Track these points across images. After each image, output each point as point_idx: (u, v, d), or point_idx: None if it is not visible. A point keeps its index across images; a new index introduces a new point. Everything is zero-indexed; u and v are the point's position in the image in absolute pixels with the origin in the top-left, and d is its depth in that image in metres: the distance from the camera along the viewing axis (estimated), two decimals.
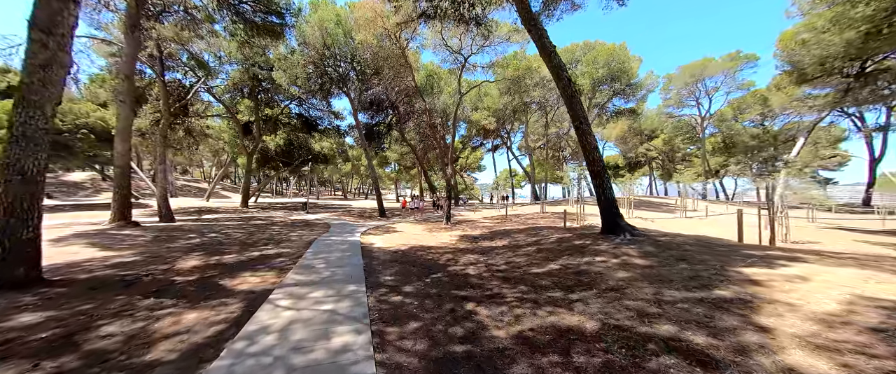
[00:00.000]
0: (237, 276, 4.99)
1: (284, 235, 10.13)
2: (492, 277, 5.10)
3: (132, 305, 3.66)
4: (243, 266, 5.69)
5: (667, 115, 36.55)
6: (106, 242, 7.95)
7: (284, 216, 17.92)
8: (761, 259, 4.67)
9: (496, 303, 3.79)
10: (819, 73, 16.58)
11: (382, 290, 4.37)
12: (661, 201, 28.40)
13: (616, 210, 7.53)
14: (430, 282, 4.83)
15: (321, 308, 3.49)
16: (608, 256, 5.65)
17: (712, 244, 6.08)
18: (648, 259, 5.18)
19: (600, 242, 6.84)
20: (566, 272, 5.00)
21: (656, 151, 43.46)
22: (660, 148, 42.32)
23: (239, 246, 7.85)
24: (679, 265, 4.66)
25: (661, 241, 6.38)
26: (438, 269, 5.79)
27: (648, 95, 28.71)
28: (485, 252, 7.54)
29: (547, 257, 6.32)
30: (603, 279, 4.37)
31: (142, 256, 6.54)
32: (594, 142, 7.70)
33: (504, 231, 11.91)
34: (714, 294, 3.43)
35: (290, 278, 4.77)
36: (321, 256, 6.49)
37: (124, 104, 10.64)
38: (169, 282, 4.65)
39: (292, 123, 26.34)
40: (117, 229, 9.99)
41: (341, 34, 16.31)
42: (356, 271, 5.25)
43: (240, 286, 4.45)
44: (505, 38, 15.56)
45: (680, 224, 13.67)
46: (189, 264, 5.88)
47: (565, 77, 7.88)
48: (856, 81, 16.09)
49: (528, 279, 4.78)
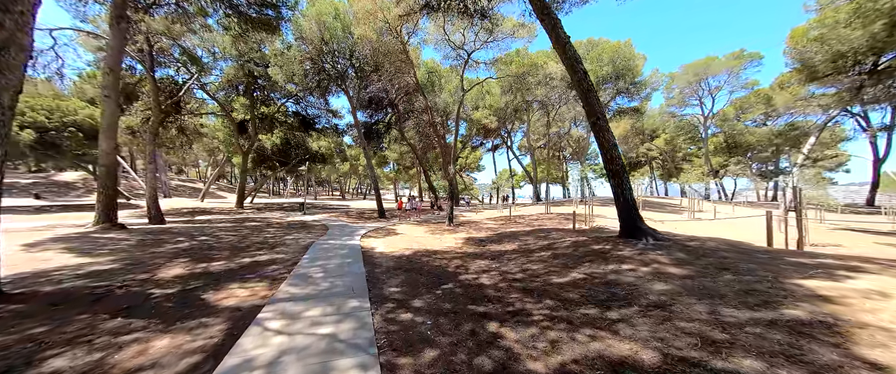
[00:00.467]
0: (223, 288, 4.42)
1: (279, 238, 9.55)
2: (510, 288, 4.56)
3: (94, 327, 3.09)
4: (232, 275, 5.12)
5: (669, 114, 36.19)
6: (85, 247, 7.35)
7: (281, 218, 17.31)
8: (816, 268, 4.15)
9: (523, 323, 3.25)
10: (830, 70, 16.19)
11: (389, 305, 3.82)
12: (665, 202, 27.97)
13: (636, 212, 7.01)
14: (442, 294, 4.29)
15: (318, 332, 2.93)
16: (636, 263, 5.13)
17: (748, 250, 5.57)
18: (684, 268, 4.66)
19: (622, 247, 6.32)
20: (593, 283, 4.47)
21: (657, 150, 43.12)
22: (661, 148, 41.98)
23: (229, 251, 7.27)
24: (723, 276, 4.14)
25: (690, 246, 5.87)
26: (448, 278, 5.24)
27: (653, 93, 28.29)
28: (495, 257, 7.01)
29: (566, 263, 5.79)
30: (640, 293, 3.84)
31: (121, 263, 5.95)
32: (612, 139, 7.18)
33: (511, 233, 11.37)
34: (785, 315, 2.91)
35: (284, 290, 4.20)
36: (318, 263, 5.93)
37: (109, 99, 10.02)
38: (144, 296, 4.08)
39: (289, 121, 25.71)
40: (101, 232, 9.38)
41: (340, 29, 15.73)
42: (358, 282, 4.70)
43: (225, 301, 3.88)
44: (509, 33, 15.05)
45: (692, 226, 13.19)
46: (172, 272, 5.31)
47: (581, 70, 7.36)
48: (869, 78, 15.71)
49: (551, 291, 4.24)
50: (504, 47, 16.49)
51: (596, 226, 13.18)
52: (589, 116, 7.30)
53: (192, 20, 14.31)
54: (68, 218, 14.20)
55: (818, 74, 16.63)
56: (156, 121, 14.28)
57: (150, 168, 13.53)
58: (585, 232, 10.87)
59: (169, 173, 48.96)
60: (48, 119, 16.95)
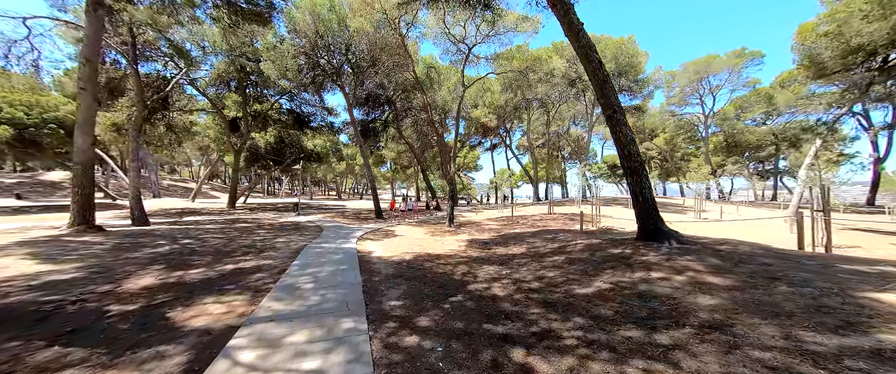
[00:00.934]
0: (195, 303, 3.79)
1: (269, 241, 8.90)
2: (528, 300, 3.97)
3: (19, 360, 2.46)
4: (209, 287, 4.49)
5: (669, 113, 35.84)
6: (52, 252, 6.66)
7: (273, 218, 16.61)
8: (883, 278, 3.61)
9: (554, 349, 2.66)
10: (840, 67, 15.80)
11: (390, 325, 3.22)
12: (667, 202, 27.56)
13: (657, 213, 6.46)
14: (451, 310, 3.69)
15: (303, 368, 2.32)
16: (666, 271, 4.57)
17: (790, 256, 5.03)
18: (725, 277, 4.11)
19: (643, 250, 5.76)
20: (623, 294, 3.90)
21: (657, 150, 42.84)
22: (661, 147, 41.69)
23: (212, 256, 6.62)
24: (777, 287, 3.59)
25: (721, 250, 5.32)
26: (456, 288, 4.65)
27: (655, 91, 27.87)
28: (504, 263, 6.42)
29: (585, 270, 5.22)
30: (686, 309, 3.27)
31: (86, 271, 5.29)
32: (630, 133, 6.63)
33: (516, 235, 10.81)
34: (885, 342, 2.35)
35: (266, 307, 3.58)
36: (310, 271, 5.31)
37: (86, 92, 9.32)
38: (99, 314, 3.44)
39: (283, 119, 24.95)
40: (75, 235, 8.67)
41: (335, 21, 15.06)
42: (353, 294, 4.09)
43: (194, 321, 3.25)
44: (512, 27, 14.49)
45: (702, 227, 12.71)
46: (141, 282, 4.66)
47: (596, 59, 6.81)
48: (879, 75, 15.34)
49: (578, 306, 3.66)
50: (505, 42, 15.93)
51: (604, 227, 12.65)
52: (605, 109, 6.74)
53: (179, 11, 13.57)
54: (47, 219, 13.42)
55: (827, 70, 16.24)
56: (140, 117, 13.54)
57: (132, 166, 12.81)
58: (595, 233, 10.33)
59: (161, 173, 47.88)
60: (27, 115, 16.11)
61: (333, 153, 36.57)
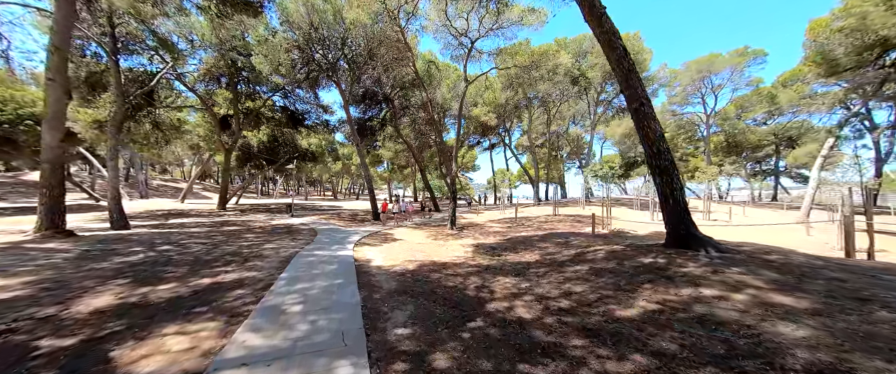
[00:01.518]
0: (152, 334, 3.03)
1: (257, 247, 8.12)
2: (562, 325, 3.27)
3: None
4: (175, 310, 3.73)
5: (671, 112, 35.43)
6: (6, 262, 5.85)
7: (265, 221, 15.79)
8: None
9: None
10: (853, 63, 15.34)
11: (399, 368, 2.50)
12: None
13: (689, 216, 5.81)
14: (472, 341, 2.98)
15: None
16: (719, 287, 3.89)
17: (854, 268, 4.38)
18: (795, 296, 3.44)
19: (680, 260, 5.09)
20: (679, 320, 3.22)
21: None
22: None
23: (189, 267, 5.84)
24: (873, 312, 2.92)
25: (773, 261, 4.66)
26: (472, 307, 3.94)
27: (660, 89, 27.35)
28: (520, 273, 5.72)
29: (617, 284, 4.54)
30: (770, 341, 2.59)
31: (36, 288, 4.50)
32: (659, 129, 5.97)
33: (524, 239, 10.13)
34: None
35: (239, 342, 2.83)
36: (299, 286, 4.56)
37: (54, 83, 8.46)
38: (22, 353, 2.68)
39: (276, 117, 24.05)
40: (40, 241, 7.84)
41: (331, 12, 14.28)
42: (351, 320, 3.36)
43: (140, 366, 2.50)
44: (516, 20, 13.81)
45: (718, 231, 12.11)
46: (95, 303, 3.89)
47: (620, 46, 6.13)
48: (894, 71, 14.90)
49: (628, 335, 2.96)
50: (509, 36, 15.22)
51: (616, 229, 12.02)
52: (631, 102, 6.07)
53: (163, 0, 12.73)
54: (20, 223, 12.49)
55: (839, 67, 15.79)
56: (120, 112, 12.67)
57: (110, 165, 11.96)
58: (610, 238, 9.68)
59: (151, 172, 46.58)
60: (0, 111, 15.14)
61: (329, 153, 35.69)
